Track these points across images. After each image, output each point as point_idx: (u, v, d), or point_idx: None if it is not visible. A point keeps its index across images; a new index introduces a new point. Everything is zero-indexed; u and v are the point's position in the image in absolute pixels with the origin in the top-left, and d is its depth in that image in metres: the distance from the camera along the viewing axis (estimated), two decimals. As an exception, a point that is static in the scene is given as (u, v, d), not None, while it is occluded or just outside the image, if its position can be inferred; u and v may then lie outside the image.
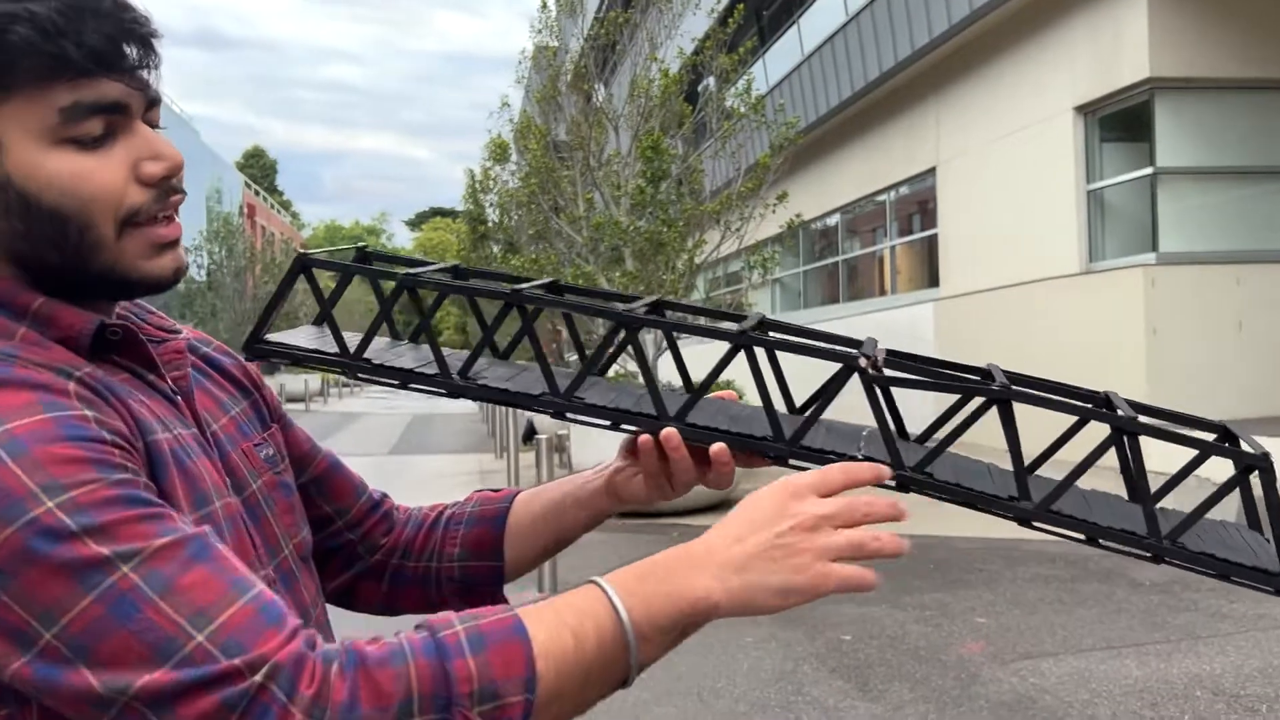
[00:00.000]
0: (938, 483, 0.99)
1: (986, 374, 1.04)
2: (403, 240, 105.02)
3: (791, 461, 1.00)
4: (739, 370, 1.13)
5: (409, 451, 15.08)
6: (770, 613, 0.86)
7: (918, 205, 15.39)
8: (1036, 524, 0.99)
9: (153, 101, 0.87)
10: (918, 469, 0.99)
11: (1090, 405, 1.03)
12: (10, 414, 0.74)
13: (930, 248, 14.67)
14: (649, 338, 10.59)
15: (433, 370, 1.07)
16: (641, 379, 1.03)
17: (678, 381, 1.21)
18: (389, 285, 1.10)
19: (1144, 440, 0.99)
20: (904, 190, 15.56)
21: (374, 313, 1.10)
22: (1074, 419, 1.02)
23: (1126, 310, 10.02)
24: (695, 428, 1.02)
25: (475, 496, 1.21)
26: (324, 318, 1.09)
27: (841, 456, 0.99)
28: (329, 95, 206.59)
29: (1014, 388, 0.99)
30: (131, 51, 0.83)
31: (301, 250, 1.07)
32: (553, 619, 0.79)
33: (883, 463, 0.98)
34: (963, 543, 7.56)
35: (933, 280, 14.48)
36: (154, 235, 0.87)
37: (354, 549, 1.17)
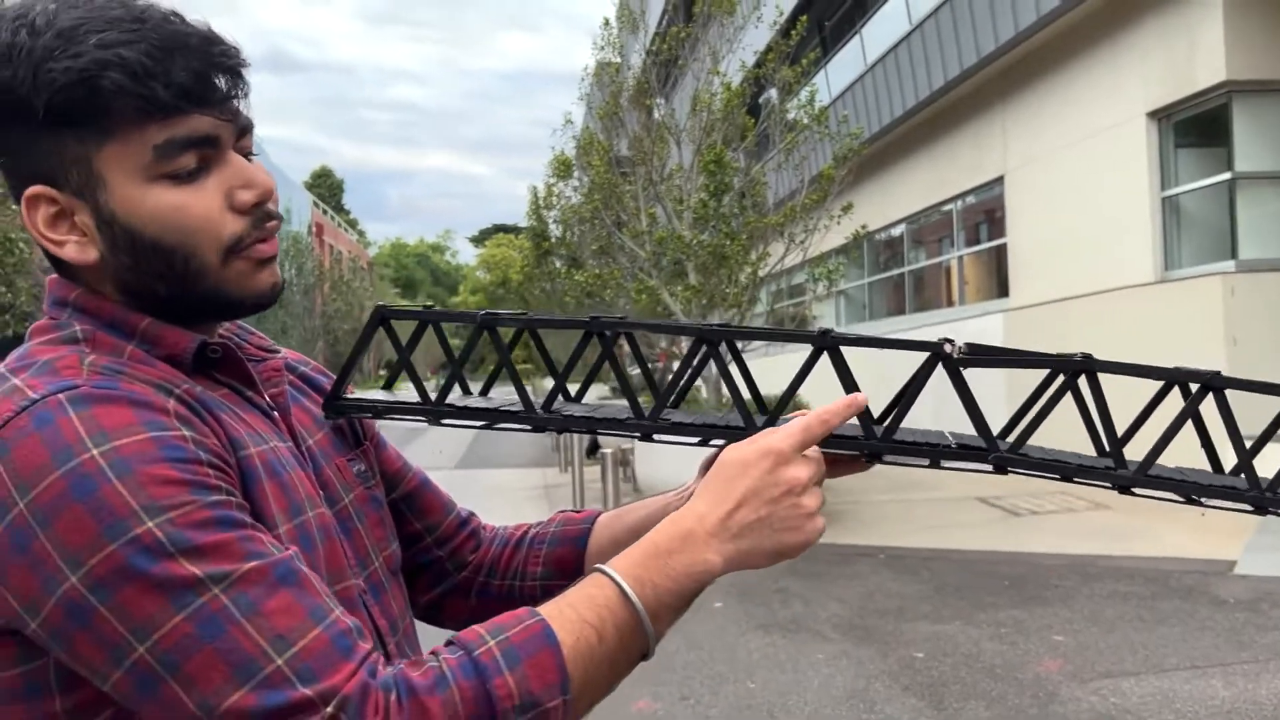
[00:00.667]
0: (1034, 459, 0.99)
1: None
2: (467, 257, 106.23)
3: (886, 458, 1.01)
4: (808, 389, 1.11)
5: (475, 465, 15.20)
6: (760, 568, 0.91)
7: (985, 214, 15.15)
8: (1136, 490, 0.99)
9: (244, 130, 0.90)
10: (1013, 449, 0.99)
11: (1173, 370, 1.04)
12: (115, 432, 0.77)
13: (999, 257, 14.43)
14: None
15: (513, 407, 1.07)
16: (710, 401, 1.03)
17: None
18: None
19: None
20: (970, 199, 15.34)
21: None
22: (1152, 393, 1.03)
23: (1205, 319, 9.74)
24: None
25: (558, 517, 1.23)
26: (402, 365, 1.11)
27: (935, 448, 0.99)
28: (394, 115, 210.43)
29: (1095, 359, 0.99)
30: (221, 84, 0.86)
31: (380, 304, 1.09)
32: (575, 619, 0.83)
33: (977, 448, 0.99)
34: (1038, 559, 7.40)
35: (1002, 290, 14.24)
36: (256, 253, 0.91)
37: (442, 565, 1.19)
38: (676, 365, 1.14)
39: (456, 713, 0.76)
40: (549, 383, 1.12)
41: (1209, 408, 1.00)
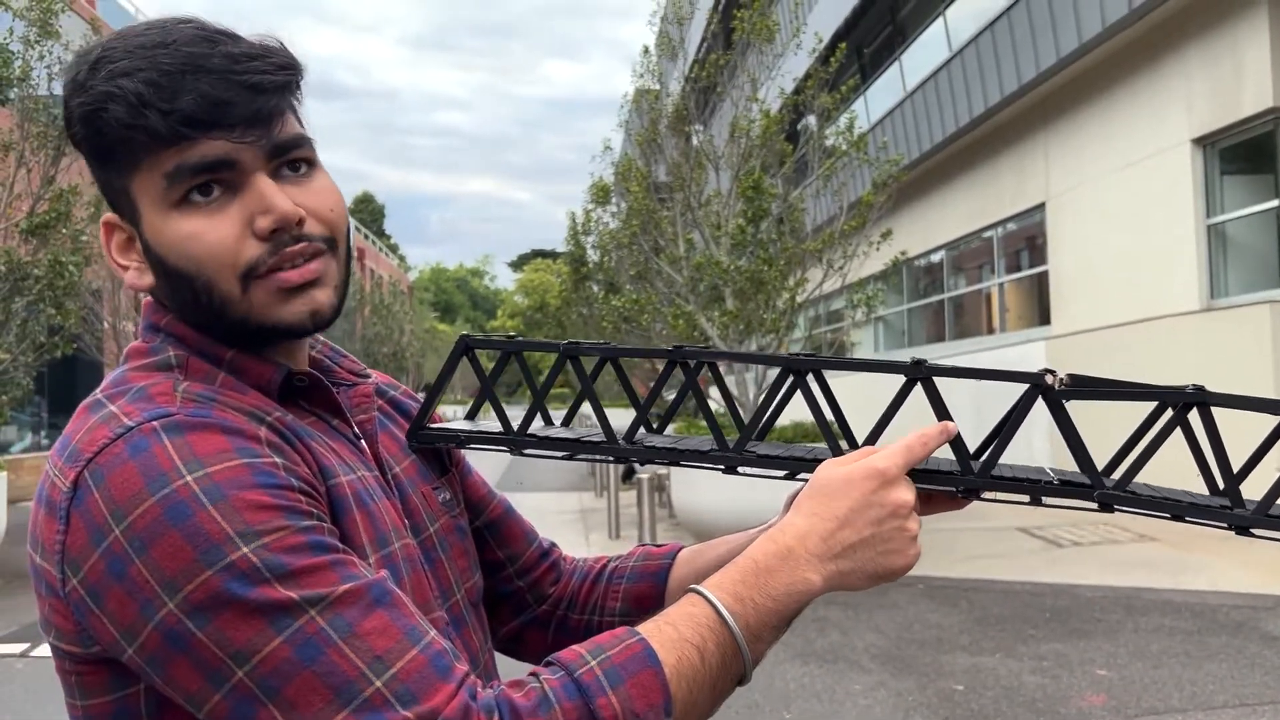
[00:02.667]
0: (1143, 498, 0.93)
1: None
2: (505, 281, 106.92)
3: (985, 495, 0.97)
4: (868, 417, 1.09)
5: (511, 489, 15.22)
6: (858, 589, 0.89)
7: (1026, 241, 15.01)
8: (1256, 531, 0.93)
9: (282, 146, 0.86)
10: (1119, 486, 0.94)
11: None
12: (209, 458, 0.77)
13: (1040, 284, 14.28)
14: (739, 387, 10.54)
15: (594, 438, 1.07)
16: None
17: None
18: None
19: None
20: (1011, 226, 15.21)
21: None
22: (1256, 425, 0.95)
23: (1253, 348, 9.56)
24: None
25: (638, 551, 1.20)
26: (485, 394, 1.10)
27: (1036, 484, 0.95)
28: (438, 141, 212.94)
29: (1208, 391, 0.93)
30: (241, 105, 0.83)
31: (465, 334, 1.09)
32: (675, 638, 0.81)
33: (1080, 484, 0.95)
34: (1080, 590, 7.27)
35: (1044, 318, 14.08)
36: (278, 281, 0.86)
37: (523, 597, 1.17)
38: (713, 390, 1.11)
39: None
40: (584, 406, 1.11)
41: None
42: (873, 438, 1.00)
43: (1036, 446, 3.75)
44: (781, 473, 1.01)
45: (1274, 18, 9.57)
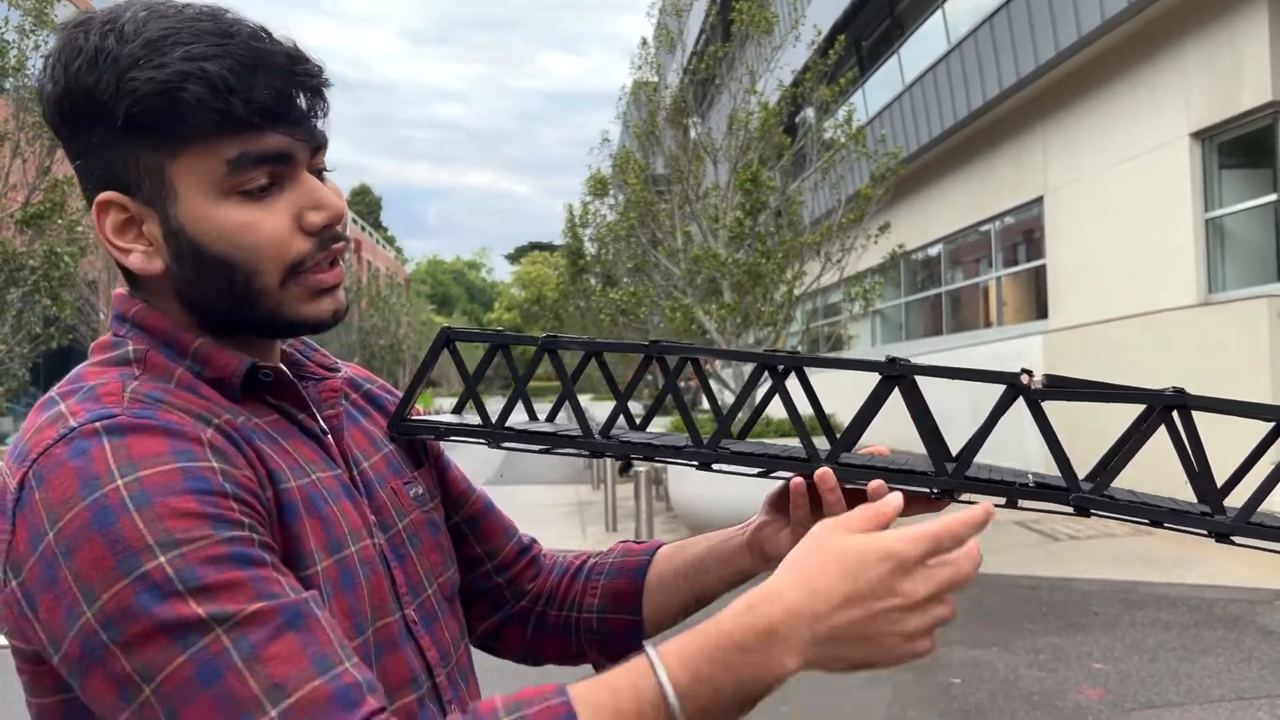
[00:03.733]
0: (1120, 503, 0.91)
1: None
2: (502, 274, 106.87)
3: (961, 498, 0.93)
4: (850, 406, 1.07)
5: (508, 482, 15.21)
6: (829, 673, 0.78)
7: (1023, 235, 15.01)
8: (1237, 540, 0.89)
9: (318, 148, 0.90)
10: (1096, 491, 0.92)
11: None
12: (143, 461, 0.76)
13: (1038, 278, 14.28)
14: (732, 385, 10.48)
15: (572, 431, 1.06)
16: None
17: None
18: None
19: None
20: (1009, 220, 15.21)
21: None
22: (1248, 430, 0.93)
23: (1250, 342, 9.57)
24: (851, 466, 0.97)
25: (619, 547, 1.19)
26: (470, 391, 1.10)
27: (1011, 486, 0.93)
28: (436, 133, 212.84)
29: (1189, 394, 0.91)
30: (301, 103, 0.86)
31: (445, 325, 1.10)
32: (610, 709, 0.74)
33: (1056, 488, 0.92)
34: (1077, 584, 7.27)
35: (1041, 312, 14.09)
36: (316, 282, 0.89)
37: (501, 593, 1.16)
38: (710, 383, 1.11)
39: None
40: (580, 399, 1.10)
41: None
42: (847, 441, 0.98)
43: (1030, 448, 3.74)
44: (755, 470, 0.99)
45: (1273, 11, 9.55)
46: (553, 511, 12.32)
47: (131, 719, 0.73)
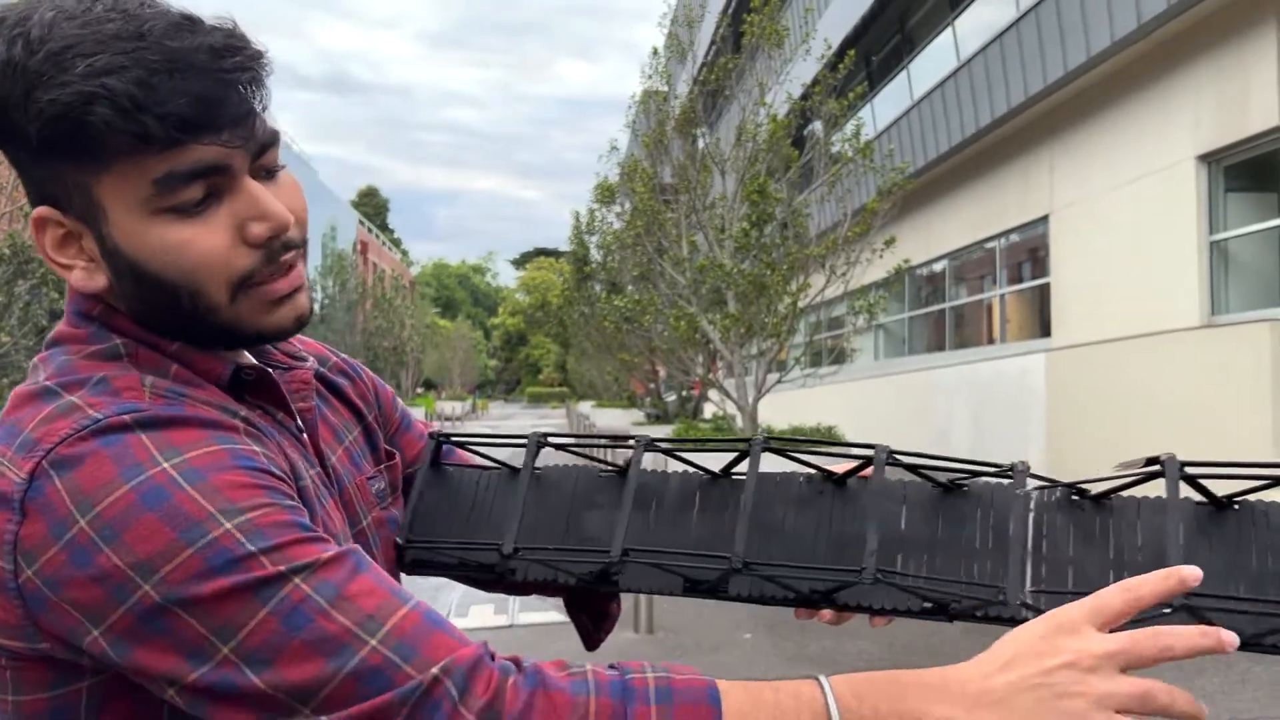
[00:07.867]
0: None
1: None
2: (507, 279, 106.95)
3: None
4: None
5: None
6: None
7: (1028, 253, 15.03)
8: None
9: (264, 146, 0.82)
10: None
11: None
12: (186, 446, 0.76)
13: (1042, 296, 14.30)
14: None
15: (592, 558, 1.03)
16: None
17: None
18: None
19: None
20: (1014, 237, 15.23)
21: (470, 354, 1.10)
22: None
23: (1252, 366, 9.58)
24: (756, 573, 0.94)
25: None
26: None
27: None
28: (448, 137, 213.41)
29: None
30: (231, 103, 0.78)
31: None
32: (751, 700, 0.74)
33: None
34: (1073, 602, 7.26)
35: (1044, 330, 14.10)
36: (269, 293, 0.84)
37: None
38: (711, 393, 1.14)
39: (585, 719, 0.71)
40: (582, 406, 1.12)
41: None
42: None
43: (1032, 454, 3.77)
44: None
45: (1282, 36, 9.59)
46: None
47: (203, 680, 0.72)
